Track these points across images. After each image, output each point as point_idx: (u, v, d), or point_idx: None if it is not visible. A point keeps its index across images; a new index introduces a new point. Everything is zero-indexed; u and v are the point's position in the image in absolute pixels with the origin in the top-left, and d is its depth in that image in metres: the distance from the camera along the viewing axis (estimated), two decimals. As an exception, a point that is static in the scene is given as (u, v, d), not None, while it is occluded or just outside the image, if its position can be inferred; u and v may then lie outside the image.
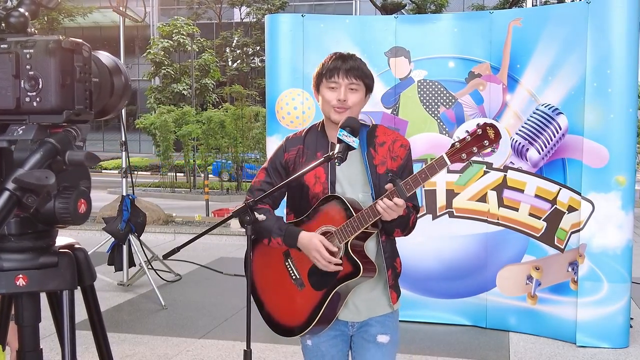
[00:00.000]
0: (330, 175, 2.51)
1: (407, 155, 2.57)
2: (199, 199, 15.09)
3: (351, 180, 2.53)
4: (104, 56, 1.51)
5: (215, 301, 6.37)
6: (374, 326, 2.59)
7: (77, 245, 1.53)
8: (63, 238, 1.52)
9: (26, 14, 1.36)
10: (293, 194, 2.60)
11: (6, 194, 1.22)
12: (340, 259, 2.41)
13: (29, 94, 1.30)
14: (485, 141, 2.25)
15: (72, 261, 1.48)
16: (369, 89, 2.54)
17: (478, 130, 2.26)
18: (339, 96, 2.46)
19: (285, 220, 2.59)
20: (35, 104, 1.30)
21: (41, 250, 1.44)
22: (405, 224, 2.47)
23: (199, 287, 7.00)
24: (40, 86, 1.29)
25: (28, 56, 1.29)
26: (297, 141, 2.61)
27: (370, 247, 2.52)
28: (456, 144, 2.29)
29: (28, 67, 1.29)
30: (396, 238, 2.62)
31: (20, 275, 1.40)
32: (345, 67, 2.46)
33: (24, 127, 1.33)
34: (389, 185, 2.32)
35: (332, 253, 2.39)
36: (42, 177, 1.22)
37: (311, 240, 2.41)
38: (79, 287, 1.52)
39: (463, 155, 2.27)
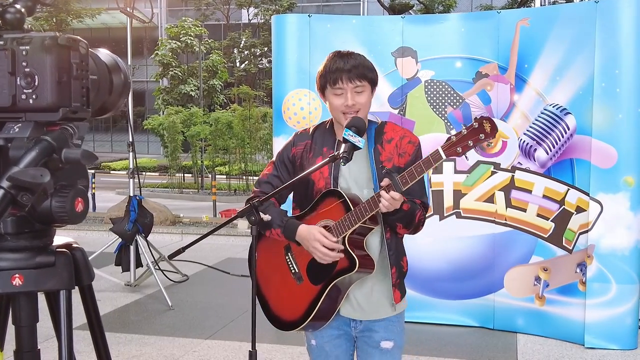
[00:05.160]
0: (333, 171, 2.50)
1: (416, 152, 2.53)
2: (206, 200, 15.09)
3: (356, 177, 2.51)
4: (103, 54, 1.49)
5: (222, 302, 6.36)
6: (377, 332, 2.57)
7: (74, 245, 1.51)
8: (62, 237, 1.51)
9: (22, 10, 1.34)
10: (299, 189, 2.59)
11: (0, 192, 1.20)
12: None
13: (25, 91, 1.28)
14: (481, 135, 2.23)
15: (70, 261, 1.46)
16: (374, 83, 2.51)
17: (474, 123, 2.25)
18: (346, 102, 2.44)
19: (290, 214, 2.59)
20: (31, 101, 1.28)
21: (38, 249, 1.42)
22: (409, 220, 2.43)
23: (206, 287, 6.99)
24: (36, 83, 1.27)
25: (24, 53, 1.27)
26: (305, 136, 2.62)
27: (374, 244, 2.51)
28: (452, 137, 2.28)
29: (24, 63, 1.27)
30: (404, 236, 2.58)
31: (17, 275, 1.38)
32: (347, 70, 2.43)
33: (20, 124, 1.32)
34: (385, 181, 2.31)
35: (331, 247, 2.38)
36: (37, 175, 1.20)
37: (310, 231, 2.40)
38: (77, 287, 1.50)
39: (458, 148, 2.26)
